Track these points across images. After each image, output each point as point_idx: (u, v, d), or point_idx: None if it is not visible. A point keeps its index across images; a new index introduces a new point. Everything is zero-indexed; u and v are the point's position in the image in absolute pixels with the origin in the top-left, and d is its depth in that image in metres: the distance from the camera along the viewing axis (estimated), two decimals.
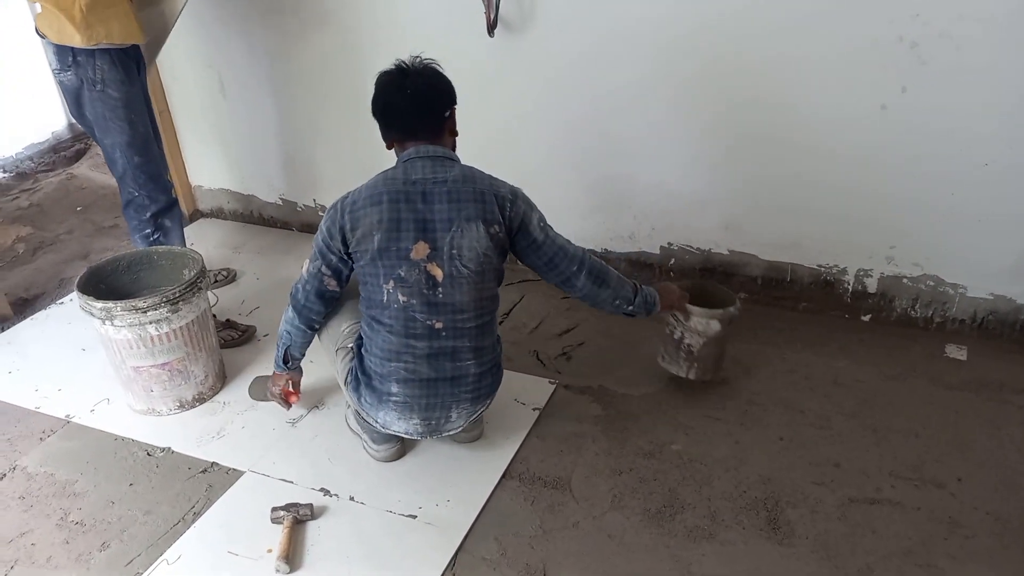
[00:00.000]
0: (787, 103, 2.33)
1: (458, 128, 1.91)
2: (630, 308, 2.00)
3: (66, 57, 2.23)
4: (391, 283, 1.83)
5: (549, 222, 1.90)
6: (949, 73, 2.13)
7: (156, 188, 2.48)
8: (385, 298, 1.85)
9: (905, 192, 2.33)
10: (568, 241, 1.93)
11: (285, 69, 2.96)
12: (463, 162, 1.88)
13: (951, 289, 2.42)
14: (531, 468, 2.05)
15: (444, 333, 1.87)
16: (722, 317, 2.12)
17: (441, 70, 1.86)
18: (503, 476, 2.02)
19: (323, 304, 1.97)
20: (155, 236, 2.52)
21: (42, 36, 2.27)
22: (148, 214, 2.50)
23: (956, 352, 2.39)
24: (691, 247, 2.70)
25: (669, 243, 2.72)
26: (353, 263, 1.88)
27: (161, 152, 2.56)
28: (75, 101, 2.33)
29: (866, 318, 2.56)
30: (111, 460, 2.15)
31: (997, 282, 2.36)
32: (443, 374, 1.91)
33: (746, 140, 2.44)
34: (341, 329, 2.04)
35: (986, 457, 2.02)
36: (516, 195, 1.87)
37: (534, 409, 2.24)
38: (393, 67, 1.85)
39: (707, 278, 2.24)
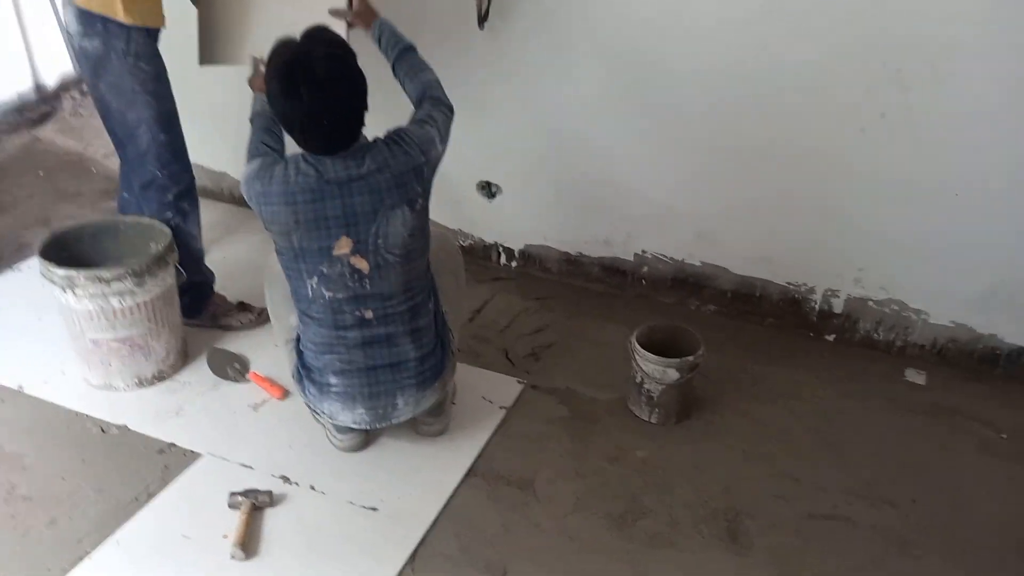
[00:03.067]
0: (767, 120, 2.36)
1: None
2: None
3: (93, 23, 2.06)
4: (315, 279, 1.80)
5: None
6: (928, 102, 2.17)
7: (180, 167, 2.33)
8: (310, 293, 1.82)
9: (877, 216, 2.38)
10: (436, 106, 1.90)
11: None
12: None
13: (914, 315, 2.48)
14: (495, 466, 2.04)
15: (375, 321, 1.85)
16: (679, 366, 2.12)
17: (355, 66, 1.72)
18: (467, 473, 2.01)
19: None
20: (175, 220, 2.35)
21: None
22: (170, 196, 2.32)
23: (915, 376, 2.45)
24: (664, 256, 2.72)
25: (643, 251, 2.74)
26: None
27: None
28: (95, 69, 2.14)
29: (830, 338, 2.61)
30: (63, 434, 2.09)
31: (959, 311, 2.42)
32: (380, 361, 1.89)
33: (724, 153, 2.46)
34: (291, 322, 2.00)
35: (939, 480, 2.07)
36: (424, 146, 1.80)
37: (501, 408, 2.23)
38: (295, 65, 1.66)
39: (680, 323, 2.24)
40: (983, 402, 2.34)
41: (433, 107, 1.90)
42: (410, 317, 1.89)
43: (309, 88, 1.67)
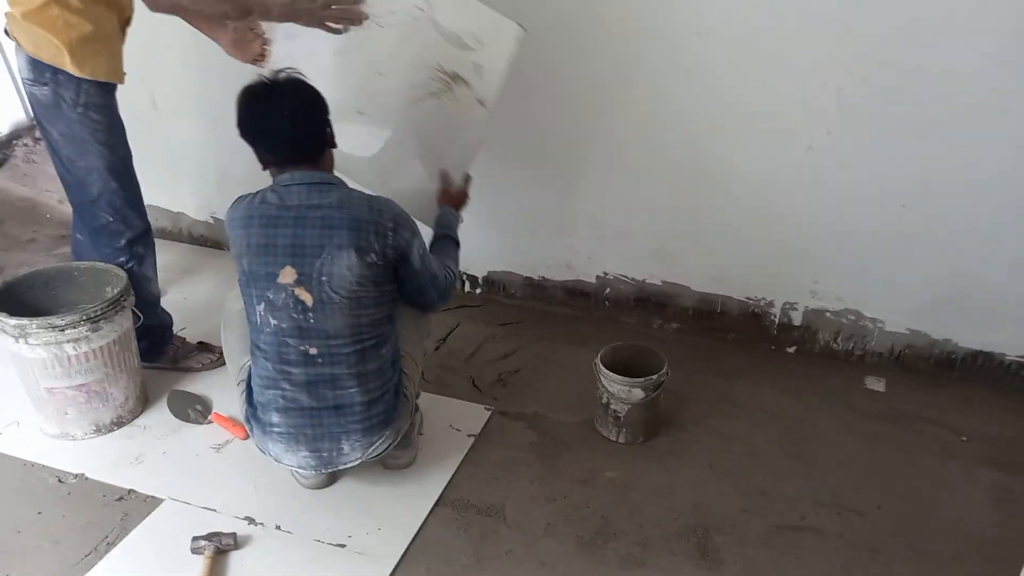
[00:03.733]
0: (719, 142, 2.41)
1: None
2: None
3: (43, 72, 2.05)
4: (262, 305, 1.81)
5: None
6: (868, 120, 2.23)
7: (133, 213, 2.30)
8: (259, 320, 1.83)
9: (829, 230, 2.43)
10: (439, 264, 1.96)
11: (219, 85, 2.89)
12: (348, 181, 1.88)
13: (870, 323, 2.53)
14: (464, 495, 2.03)
15: (320, 360, 1.82)
16: (644, 385, 2.13)
17: (310, 83, 1.82)
18: (436, 503, 1.99)
19: None
20: (129, 264, 2.31)
21: (13, 40, 2.07)
22: (123, 241, 2.29)
23: (875, 384, 2.48)
24: (626, 277, 2.74)
25: (605, 272, 2.76)
26: None
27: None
28: (45, 116, 2.14)
29: (791, 350, 2.64)
30: (18, 486, 2.03)
31: (913, 318, 2.47)
32: (325, 403, 1.85)
33: (678, 174, 2.50)
34: (243, 362, 1.98)
35: (903, 486, 2.09)
36: (399, 223, 1.81)
37: (469, 435, 2.22)
38: (258, 84, 1.79)
39: (641, 341, 2.27)
40: (942, 406, 2.38)
41: (443, 261, 2.00)
42: (357, 360, 1.84)
43: (271, 95, 1.77)
